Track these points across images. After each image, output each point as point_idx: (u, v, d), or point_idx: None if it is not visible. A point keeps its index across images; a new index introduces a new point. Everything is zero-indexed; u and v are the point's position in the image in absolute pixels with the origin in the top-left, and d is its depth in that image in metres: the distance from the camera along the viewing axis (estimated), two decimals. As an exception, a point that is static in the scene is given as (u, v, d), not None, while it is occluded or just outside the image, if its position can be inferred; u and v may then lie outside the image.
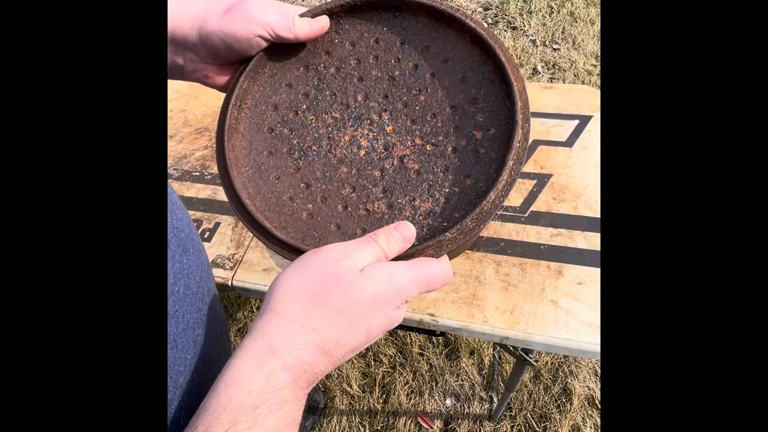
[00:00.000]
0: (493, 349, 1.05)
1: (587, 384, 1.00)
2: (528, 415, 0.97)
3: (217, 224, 0.61)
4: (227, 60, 0.38)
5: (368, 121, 0.39)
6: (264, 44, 0.37)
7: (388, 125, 0.39)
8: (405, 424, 0.97)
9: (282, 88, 0.40)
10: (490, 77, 0.37)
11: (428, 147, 0.38)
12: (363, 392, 1.02)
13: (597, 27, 1.81)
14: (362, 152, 0.39)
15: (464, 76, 0.37)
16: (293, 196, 0.38)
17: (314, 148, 0.39)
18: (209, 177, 0.68)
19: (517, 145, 0.34)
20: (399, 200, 0.37)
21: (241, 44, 0.36)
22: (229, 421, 0.22)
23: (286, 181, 0.39)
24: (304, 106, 0.40)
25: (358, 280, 0.27)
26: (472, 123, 0.37)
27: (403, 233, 0.32)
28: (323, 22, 0.38)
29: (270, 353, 0.24)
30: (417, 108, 0.38)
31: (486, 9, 2.01)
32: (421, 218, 0.36)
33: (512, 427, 0.96)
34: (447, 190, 0.36)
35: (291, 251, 0.35)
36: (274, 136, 0.40)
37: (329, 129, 0.39)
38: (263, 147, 0.39)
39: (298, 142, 0.39)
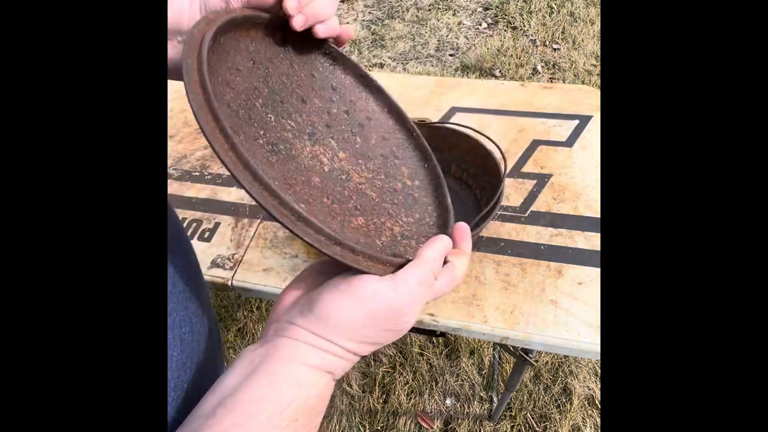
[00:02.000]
0: (493, 349, 1.05)
1: (587, 384, 1.00)
2: (528, 415, 0.97)
3: (217, 224, 0.61)
4: None
5: (321, 143, 0.39)
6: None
7: (338, 152, 0.40)
8: (405, 424, 0.97)
9: (232, 70, 0.35)
10: (405, 144, 0.43)
11: (377, 182, 0.40)
12: (363, 392, 1.02)
13: (597, 27, 1.81)
14: (326, 168, 0.37)
15: (384, 136, 0.43)
16: (279, 188, 0.30)
17: (281, 147, 0.35)
18: (209, 177, 0.68)
19: (449, 202, 0.39)
20: (374, 220, 0.37)
21: None
22: (290, 418, 0.26)
23: (266, 170, 0.31)
24: (260, 101, 0.36)
25: (408, 324, 0.31)
26: (400, 172, 0.42)
27: (448, 248, 0.34)
28: None
29: (328, 372, 0.29)
30: (357, 146, 0.41)
31: (486, 9, 2.01)
32: (398, 238, 0.36)
33: (512, 427, 0.96)
34: (404, 219, 0.39)
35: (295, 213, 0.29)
36: (235, 114, 0.32)
37: (291, 134, 0.37)
38: (227, 120, 0.29)
39: (264, 133, 0.34)
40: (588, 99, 0.71)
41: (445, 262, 0.34)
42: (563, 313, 0.49)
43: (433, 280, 0.31)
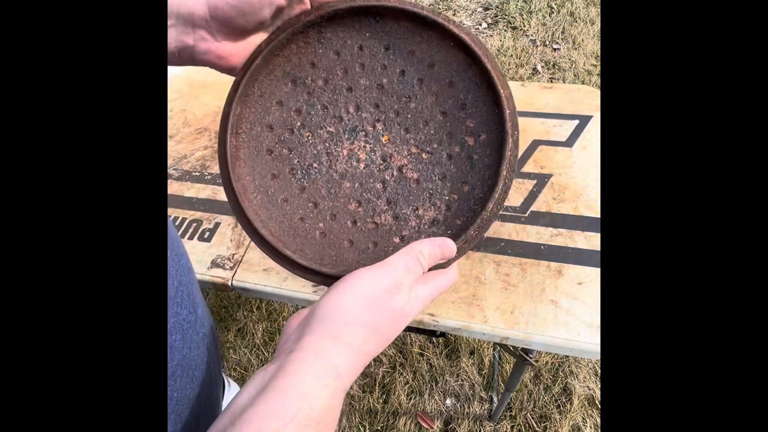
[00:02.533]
0: (493, 349, 1.05)
1: (587, 384, 1.00)
2: (528, 415, 0.97)
3: (217, 224, 0.61)
4: (241, 29, 0.36)
5: (363, 133, 0.39)
6: (277, 1, 0.35)
7: (383, 135, 0.39)
8: (405, 424, 0.97)
9: (273, 107, 0.39)
10: (477, 81, 0.36)
11: (424, 155, 0.38)
12: (363, 392, 1.02)
13: (597, 27, 1.81)
14: (362, 165, 0.39)
15: (451, 81, 0.37)
16: (304, 216, 0.38)
17: (315, 165, 0.39)
18: (209, 177, 0.68)
19: (508, 153, 0.35)
20: (403, 210, 0.37)
21: (253, 6, 0.34)
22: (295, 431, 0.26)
23: (294, 202, 0.39)
24: (299, 123, 0.39)
25: (404, 311, 0.32)
26: (463, 129, 0.37)
27: (444, 253, 0.34)
28: None
29: (335, 377, 0.28)
30: (409, 116, 0.38)
31: (486, 9, 2.01)
32: (426, 227, 0.37)
33: (512, 427, 0.96)
34: (447, 198, 0.37)
35: (312, 274, 0.36)
36: (275, 157, 0.39)
37: (326, 144, 0.39)
38: (266, 170, 0.39)
39: (298, 161, 0.39)
40: (588, 99, 0.71)
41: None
42: (563, 313, 0.49)
43: (418, 267, 0.32)
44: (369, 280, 0.31)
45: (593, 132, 0.67)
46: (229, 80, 0.39)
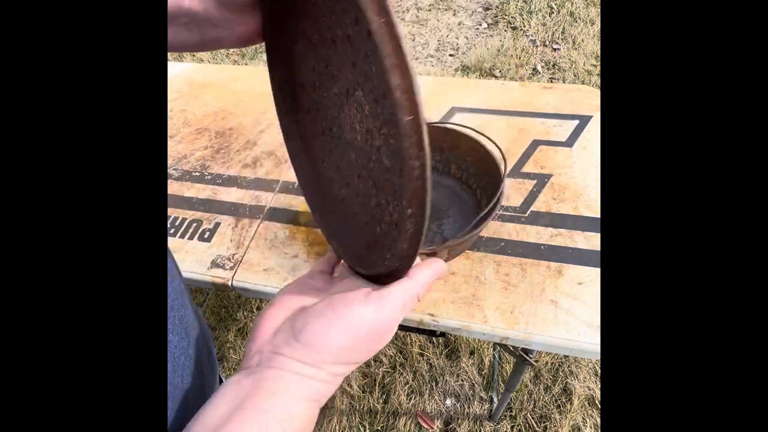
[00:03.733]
0: (493, 349, 1.05)
1: (587, 384, 1.00)
2: (528, 415, 0.97)
3: (217, 224, 0.61)
4: None
5: (353, 98, 0.34)
6: None
7: (365, 107, 0.32)
8: (405, 424, 0.97)
9: (297, 65, 0.38)
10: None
11: (392, 141, 0.33)
12: (363, 392, 1.02)
13: (597, 27, 1.81)
14: (358, 136, 0.35)
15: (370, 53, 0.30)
16: (333, 178, 0.38)
17: (334, 130, 0.37)
18: (209, 177, 0.68)
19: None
20: (381, 200, 0.34)
21: None
22: None
23: (329, 165, 0.38)
24: (318, 83, 0.36)
25: (387, 337, 0.31)
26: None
27: (441, 276, 0.33)
28: None
29: (315, 400, 0.29)
30: (375, 81, 0.30)
31: (486, 9, 2.01)
32: (390, 228, 0.35)
33: (512, 427, 0.96)
34: (395, 208, 0.35)
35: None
36: (312, 119, 0.38)
37: (337, 110, 0.36)
38: (310, 131, 0.39)
39: (325, 122, 0.37)
40: (588, 99, 0.72)
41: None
42: (563, 313, 0.49)
43: (415, 302, 0.31)
44: (365, 320, 0.30)
45: (593, 132, 0.67)
46: (227, 80, 0.39)
